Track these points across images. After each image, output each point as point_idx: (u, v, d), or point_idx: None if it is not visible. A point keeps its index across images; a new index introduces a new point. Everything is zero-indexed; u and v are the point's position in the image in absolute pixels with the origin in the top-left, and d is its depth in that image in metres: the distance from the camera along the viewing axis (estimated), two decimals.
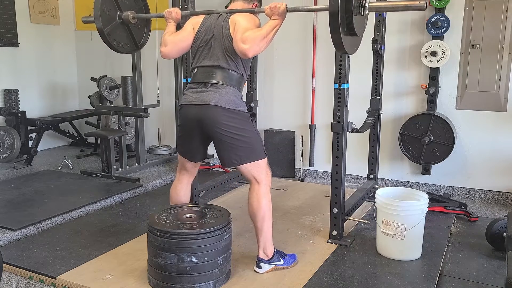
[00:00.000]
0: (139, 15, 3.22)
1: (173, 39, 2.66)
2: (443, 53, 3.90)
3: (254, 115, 2.65)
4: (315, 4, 4.44)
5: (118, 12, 3.15)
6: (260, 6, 2.79)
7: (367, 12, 2.29)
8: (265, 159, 2.60)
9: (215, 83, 2.50)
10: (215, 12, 2.64)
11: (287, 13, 2.50)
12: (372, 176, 3.97)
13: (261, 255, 2.65)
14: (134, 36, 3.29)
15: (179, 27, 2.80)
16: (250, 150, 2.53)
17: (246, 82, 2.65)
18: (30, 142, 5.14)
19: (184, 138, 2.66)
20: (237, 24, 2.48)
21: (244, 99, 3.09)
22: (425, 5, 2.21)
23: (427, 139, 3.96)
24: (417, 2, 2.22)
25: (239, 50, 2.43)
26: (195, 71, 2.62)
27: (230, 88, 2.51)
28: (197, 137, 2.60)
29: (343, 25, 2.20)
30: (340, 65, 2.92)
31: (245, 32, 2.40)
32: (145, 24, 3.41)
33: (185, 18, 2.84)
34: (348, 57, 2.93)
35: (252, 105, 4.44)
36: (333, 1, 2.14)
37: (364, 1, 2.27)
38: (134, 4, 3.29)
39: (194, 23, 2.66)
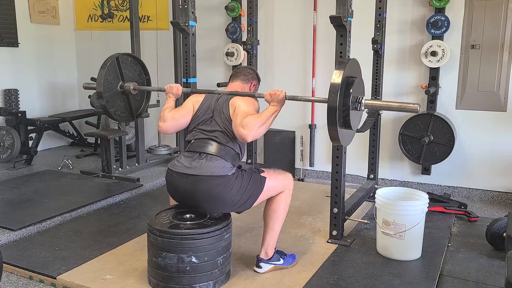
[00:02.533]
0: (140, 87, 3.31)
1: (173, 115, 2.68)
2: (443, 53, 3.90)
3: (240, 167, 2.64)
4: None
5: (120, 82, 3.23)
6: (258, 84, 2.86)
7: (362, 108, 2.39)
8: (269, 180, 2.56)
9: (210, 154, 2.49)
10: (215, 93, 2.69)
11: (285, 100, 2.55)
12: (372, 176, 3.97)
13: (262, 255, 2.65)
14: (131, 107, 3.36)
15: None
16: (251, 195, 2.51)
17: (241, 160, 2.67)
18: (30, 142, 5.14)
19: (176, 198, 2.65)
20: (237, 108, 2.51)
21: None
22: (418, 108, 2.33)
23: (427, 139, 3.96)
24: (411, 105, 2.35)
25: (238, 135, 2.44)
26: (191, 143, 2.60)
27: (223, 160, 2.48)
28: (191, 203, 2.56)
29: (340, 119, 2.30)
30: None
31: (245, 117, 2.42)
32: (144, 97, 3.49)
33: (185, 95, 2.91)
34: (348, 57, 2.93)
35: None
36: (332, 96, 2.25)
37: (360, 98, 2.38)
38: (137, 77, 3.40)
39: (194, 101, 2.69)
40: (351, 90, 2.32)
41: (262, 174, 2.56)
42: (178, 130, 2.77)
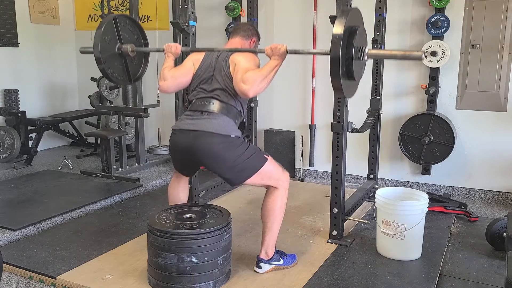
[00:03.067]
0: (138, 48, 3.24)
1: (173, 73, 2.66)
2: (443, 53, 3.90)
3: (248, 137, 2.64)
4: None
5: (118, 44, 3.17)
6: (258, 41, 2.83)
7: (366, 58, 2.34)
8: (270, 164, 2.56)
9: (211, 112, 2.49)
10: (215, 50, 2.66)
11: (287, 54, 2.51)
12: (372, 176, 3.97)
13: (262, 255, 2.65)
14: (129, 70, 3.30)
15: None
16: (248, 167, 2.49)
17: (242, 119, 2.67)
18: (30, 142, 5.15)
19: (176, 161, 2.67)
20: (237, 64, 2.50)
21: None
22: (423, 55, 2.25)
23: (427, 139, 3.96)
24: (415, 53, 2.28)
25: (240, 91, 2.43)
26: (192, 102, 2.61)
27: (226, 117, 2.50)
28: (190, 162, 2.59)
29: (343, 70, 2.24)
30: None
31: (246, 73, 2.41)
32: (142, 61, 3.41)
33: (184, 54, 2.86)
34: None
35: (252, 105, 4.44)
36: (334, 46, 2.17)
37: (363, 48, 2.32)
38: (135, 41, 3.33)
39: (194, 59, 2.67)
40: (354, 40, 2.23)
41: (265, 156, 2.57)
42: (178, 89, 2.76)
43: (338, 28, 2.18)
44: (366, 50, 2.32)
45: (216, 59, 2.61)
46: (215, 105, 2.51)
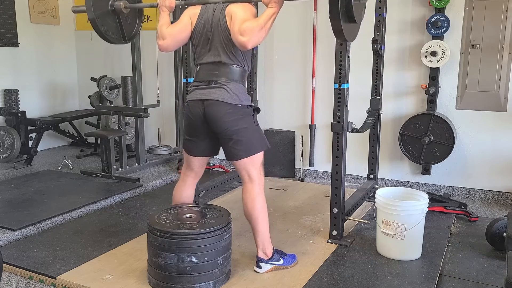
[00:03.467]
0: (131, 5, 3.17)
1: (171, 31, 2.62)
2: (443, 53, 3.90)
3: (258, 109, 2.66)
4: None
5: (110, 1, 3.10)
6: None
7: None
8: (261, 157, 2.60)
9: (218, 81, 2.51)
10: (210, 2, 2.59)
11: (284, 1, 2.46)
12: (372, 176, 3.97)
13: (261, 255, 2.64)
14: (123, 28, 3.23)
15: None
16: (249, 145, 2.53)
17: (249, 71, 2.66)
18: (30, 142, 5.15)
19: (191, 133, 2.66)
20: (233, 15, 2.45)
21: None
22: None
23: (427, 139, 3.96)
24: None
25: (238, 43, 2.40)
26: (197, 69, 2.62)
27: (234, 83, 2.52)
28: (203, 130, 2.60)
29: (343, 11, 2.20)
30: (340, 65, 2.91)
31: (243, 24, 2.37)
32: (136, 19, 3.34)
33: (179, 9, 2.79)
34: (348, 57, 2.93)
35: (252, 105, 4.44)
36: None
37: None
38: None
39: (191, 14, 2.63)
40: None
41: (267, 145, 2.63)
42: (178, 46, 2.73)
43: None
44: None
45: (212, 14, 2.55)
46: (220, 72, 2.52)
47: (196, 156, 2.72)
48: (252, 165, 2.57)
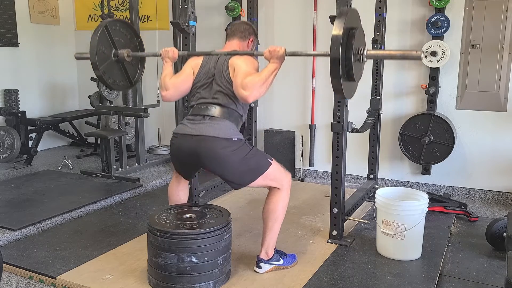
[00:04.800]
0: (134, 53, 3.23)
1: (174, 82, 2.65)
2: (443, 53, 3.90)
3: (249, 140, 2.64)
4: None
5: (113, 50, 3.15)
6: (256, 39, 2.83)
7: (365, 59, 2.35)
8: (273, 166, 2.56)
9: (213, 116, 2.50)
10: (213, 54, 2.64)
11: (285, 57, 2.50)
12: (372, 176, 3.97)
13: (262, 255, 2.65)
14: (128, 73, 3.30)
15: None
16: (251, 171, 2.50)
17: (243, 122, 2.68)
18: (30, 142, 5.15)
19: (178, 165, 2.66)
20: (236, 67, 2.49)
21: None
22: (422, 55, 2.25)
23: (427, 139, 3.96)
24: (414, 53, 2.27)
25: (239, 96, 2.42)
26: (193, 107, 2.61)
27: (228, 121, 2.50)
28: (192, 166, 2.59)
29: (343, 71, 2.25)
30: None
31: (245, 78, 2.40)
32: (139, 61, 3.41)
33: (181, 58, 2.86)
34: None
35: (252, 105, 4.44)
36: (334, 48, 2.18)
37: (362, 49, 2.32)
38: (129, 42, 3.30)
39: (193, 65, 2.67)
40: (353, 42, 2.25)
41: (269, 160, 2.57)
42: (181, 96, 2.75)
43: (337, 30, 2.19)
44: (365, 52, 2.33)
45: (215, 63, 2.60)
46: (216, 109, 2.51)
47: (185, 178, 2.77)
48: (266, 179, 2.55)
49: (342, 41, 2.18)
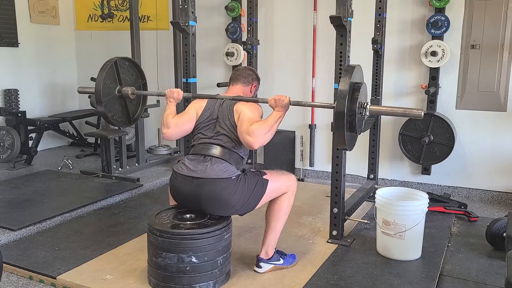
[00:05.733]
0: (138, 92, 3.28)
1: (177, 121, 2.66)
2: (443, 53, 3.90)
3: (244, 170, 2.65)
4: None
5: (118, 87, 3.21)
6: (259, 85, 2.87)
7: (367, 113, 2.42)
8: (271, 181, 2.56)
9: (214, 156, 2.50)
10: (218, 98, 2.67)
11: (290, 106, 2.55)
12: (372, 176, 3.97)
13: (262, 255, 2.65)
14: (128, 111, 3.34)
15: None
16: (253, 198, 2.51)
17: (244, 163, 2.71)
18: (30, 142, 5.14)
19: (178, 202, 2.64)
20: (241, 114, 2.52)
21: None
22: (422, 113, 2.33)
23: (427, 139, 3.96)
24: (415, 111, 2.37)
25: (245, 142, 2.46)
26: (194, 146, 2.61)
27: (228, 163, 2.50)
28: (194, 206, 2.56)
29: (347, 124, 2.33)
30: (340, 65, 2.91)
31: (251, 124, 2.43)
32: (141, 102, 3.46)
33: (186, 100, 2.91)
34: (348, 57, 2.93)
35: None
36: (340, 101, 2.28)
37: (365, 104, 2.41)
38: (134, 81, 3.38)
39: (197, 107, 2.68)
40: (357, 96, 2.36)
41: (264, 177, 2.56)
42: (182, 136, 2.77)
43: (344, 84, 2.30)
44: (368, 107, 2.41)
45: (219, 107, 2.63)
46: (217, 150, 2.52)
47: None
48: (271, 194, 2.57)
49: (348, 95, 2.28)
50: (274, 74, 4.83)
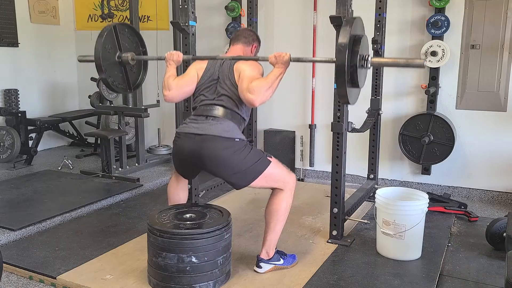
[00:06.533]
0: (138, 57, 3.26)
1: (178, 83, 2.66)
2: (443, 53, 3.90)
3: (251, 142, 2.66)
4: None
5: (118, 53, 3.19)
6: (259, 46, 2.86)
7: (369, 65, 2.38)
8: (274, 166, 2.56)
9: (216, 116, 2.51)
10: (218, 58, 2.66)
11: (290, 62, 2.54)
12: (372, 176, 3.97)
13: (262, 255, 2.65)
14: (129, 78, 3.32)
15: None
16: (251, 171, 2.50)
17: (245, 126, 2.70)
18: (30, 142, 5.15)
19: (179, 165, 2.66)
20: (242, 72, 2.52)
21: None
22: (424, 63, 2.29)
23: (427, 139, 3.96)
24: (417, 60, 2.32)
25: (246, 100, 2.45)
26: (196, 108, 2.62)
27: (231, 122, 2.52)
28: (193, 167, 2.59)
29: (348, 77, 2.29)
30: None
31: (251, 82, 2.43)
32: (141, 70, 3.44)
33: (186, 62, 2.87)
34: None
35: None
36: (340, 54, 2.23)
37: (367, 56, 2.37)
38: (134, 49, 3.35)
39: (197, 68, 2.68)
40: (358, 48, 2.30)
41: (268, 158, 2.57)
42: (183, 98, 2.76)
43: (343, 37, 2.24)
44: (369, 58, 2.37)
45: (219, 67, 2.62)
46: (219, 111, 2.53)
47: (185, 178, 2.77)
48: (269, 180, 2.55)
49: (348, 48, 2.22)
50: None
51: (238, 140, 2.48)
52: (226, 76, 2.57)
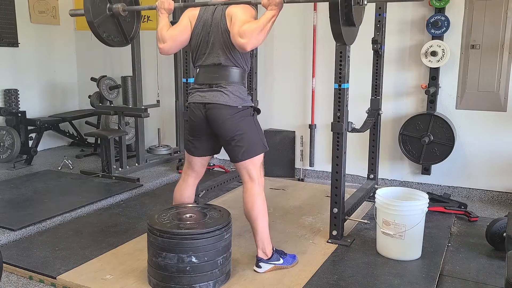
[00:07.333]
0: (129, 8, 3.15)
1: (171, 33, 2.61)
2: (443, 53, 3.90)
3: (258, 110, 2.67)
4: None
5: (108, 5, 3.07)
6: None
7: (365, 2, 2.29)
8: (261, 157, 2.62)
9: (219, 84, 2.53)
10: (210, 4, 2.59)
11: (284, 4, 2.45)
12: (372, 176, 3.97)
13: (260, 255, 2.65)
14: (124, 30, 3.23)
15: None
16: (249, 148, 2.56)
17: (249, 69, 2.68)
18: (30, 142, 5.15)
19: (193, 133, 2.68)
20: (233, 16, 2.45)
21: None
22: None
23: (427, 139, 3.96)
24: None
25: (237, 44, 2.40)
26: (197, 71, 2.63)
27: (234, 85, 2.54)
28: (204, 132, 2.63)
29: (343, 16, 2.21)
30: (340, 65, 2.92)
31: (242, 26, 2.37)
32: (135, 18, 3.33)
33: (178, 10, 2.77)
34: (348, 57, 2.93)
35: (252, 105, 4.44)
36: None
37: None
38: None
39: (190, 16, 2.62)
40: None
41: (264, 144, 2.66)
42: (179, 49, 2.72)
43: None
44: None
45: (212, 15, 2.55)
46: (219, 75, 2.54)
47: (198, 156, 2.73)
48: (253, 165, 2.59)
49: None
50: (274, 74, 4.83)
51: (241, 107, 2.53)
52: (219, 24, 2.51)
